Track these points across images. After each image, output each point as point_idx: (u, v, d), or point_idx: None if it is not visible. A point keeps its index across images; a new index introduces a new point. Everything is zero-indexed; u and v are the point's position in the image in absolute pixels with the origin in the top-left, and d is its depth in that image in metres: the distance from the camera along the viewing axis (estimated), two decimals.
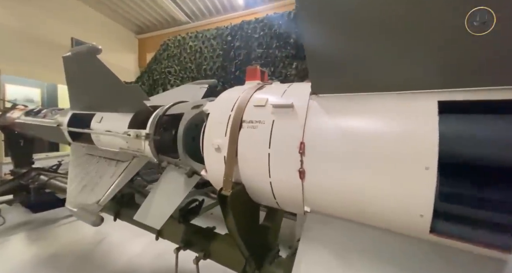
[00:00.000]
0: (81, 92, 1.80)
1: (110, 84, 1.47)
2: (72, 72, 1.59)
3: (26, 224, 3.57)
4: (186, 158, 1.30)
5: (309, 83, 1.01)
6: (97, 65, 1.36)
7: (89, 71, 1.46)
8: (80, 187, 1.66)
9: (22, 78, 7.25)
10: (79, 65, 1.44)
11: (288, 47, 2.52)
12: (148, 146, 1.51)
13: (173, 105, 1.57)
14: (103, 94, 1.63)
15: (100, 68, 1.37)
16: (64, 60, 1.49)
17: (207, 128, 1.09)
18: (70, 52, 1.38)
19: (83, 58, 1.36)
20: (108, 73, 1.39)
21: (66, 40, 8.32)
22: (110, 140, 1.79)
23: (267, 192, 0.94)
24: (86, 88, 1.70)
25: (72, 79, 1.70)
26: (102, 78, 1.46)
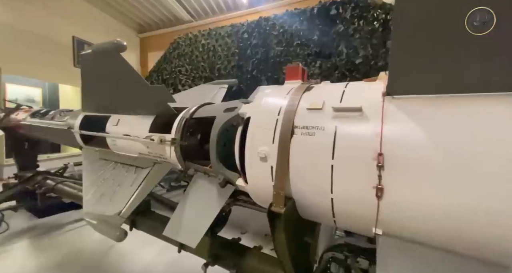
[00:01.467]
0: (97, 92, 1.72)
1: (133, 84, 1.38)
2: (89, 70, 1.50)
3: (31, 230, 3.49)
4: (220, 166, 1.21)
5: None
6: (120, 63, 1.27)
7: (110, 70, 1.37)
8: (97, 196, 1.57)
9: (23, 77, 7.20)
10: (99, 63, 1.35)
11: (310, 44, 2.43)
12: (174, 152, 1.42)
13: (199, 107, 1.48)
14: (123, 94, 1.55)
15: (123, 66, 1.28)
16: (82, 57, 1.40)
17: (249, 134, 1.00)
18: (90, 49, 1.30)
19: (105, 56, 1.27)
20: (132, 72, 1.30)
21: (67, 39, 8.30)
22: (128, 145, 1.70)
23: (325, 209, 0.84)
24: (103, 88, 1.62)
25: (88, 79, 1.62)
26: (124, 77, 1.37)
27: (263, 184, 0.96)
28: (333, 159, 0.77)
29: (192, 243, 1.06)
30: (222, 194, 1.20)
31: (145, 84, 1.34)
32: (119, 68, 1.30)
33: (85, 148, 2.12)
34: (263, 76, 2.72)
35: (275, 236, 0.90)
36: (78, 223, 3.82)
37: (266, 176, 0.94)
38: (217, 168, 1.23)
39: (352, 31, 2.21)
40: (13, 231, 3.40)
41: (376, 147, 0.69)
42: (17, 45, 6.67)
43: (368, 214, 0.74)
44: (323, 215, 0.88)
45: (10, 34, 6.60)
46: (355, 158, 0.73)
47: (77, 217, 3.98)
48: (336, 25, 2.27)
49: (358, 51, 2.16)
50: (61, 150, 8.56)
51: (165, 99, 1.40)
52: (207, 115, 1.35)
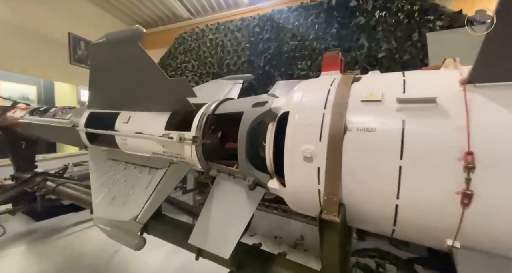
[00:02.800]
0: (107, 87, 1.61)
1: (151, 77, 1.27)
2: (99, 63, 1.39)
3: (29, 234, 3.36)
4: (249, 167, 1.11)
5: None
6: (138, 53, 1.16)
7: (125, 61, 1.26)
8: (108, 200, 1.47)
9: (17, 74, 7.00)
10: (113, 53, 1.24)
11: (328, 38, 2.34)
12: (195, 151, 1.31)
13: (221, 102, 1.38)
14: (137, 89, 1.44)
15: (141, 57, 1.18)
16: (92, 48, 1.29)
17: (289, 131, 0.90)
18: (105, 37, 1.19)
19: (121, 45, 1.16)
20: (150, 64, 1.20)
21: (63, 35, 8.11)
22: (141, 144, 1.60)
23: (385, 216, 0.74)
24: (114, 82, 1.51)
25: (97, 72, 1.51)
26: (141, 69, 1.27)
27: (307, 187, 0.87)
28: (401, 159, 0.67)
29: (224, 253, 0.96)
30: (252, 197, 1.11)
31: (164, 77, 1.23)
32: (136, 58, 1.20)
33: (91, 147, 2.01)
34: (276, 72, 2.62)
35: (325, 246, 0.81)
36: (79, 225, 3.70)
37: (311, 178, 0.84)
38: (245, 169, 1.14)
39: (374, 23, 2.12)
40: (10, 235, 3.27)
41: (462, 144, 0.59)
42: (10, 41, 6.48)
43: (445, 224, 0.64)
44: (380, 223, 0.79)
45: (3, 29, 6.41)
46: (432, 158, 0.63)
47: (78, 219, 3.86)
48: (356, 17, 2.18)
49: (380, 45, 2.08)
50: (57, 150, 8.38)
51: (185, 93, 1.29)
52: (232, 111, 1.25)
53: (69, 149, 8.26)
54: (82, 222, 3.80)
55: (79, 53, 8.92)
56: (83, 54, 9.02)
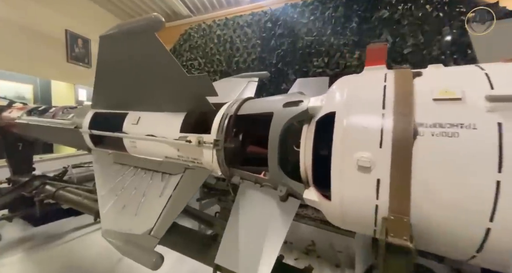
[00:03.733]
0: (115, 84, 1.47)
1: (167, 74, 1.14)
2: (109, 56, 1.26)
3: (26, 240, 3.21)
4: (281, 175, 0.98)
5: None
6: (154, 45, 1.03)
7: (139, 55, 1.13)
8: (118, 209, 1.33)
9: (12, 73, 6.79)
10: (126, 45, 1.11)
11: (347, 33, 2.21)
12: (216, 156, 1.18)
13: (243, 102, 1.25)
14: (150, 86, 1.31)
15: (158, 50, 1.05)
16: (103, 40, 1.15)
17: (338, 135, 0.77)
18: (117, 28, 1.05)
19: (136, 36, 1.03)
20: (168, 58, 1.07)
21: (60, 32, 7.92)
22: (152, 147, 1.47)
23: (469, 242, 0.62)
24: (124, 78, 1.38)
25: (104, 68, 1.37)
26: (156, 65, 1.13)
27: (360, 202, 0.74)
28: (500, 172, 0.55)
29: None
30: (286, 210, 0.98)
31: (183, 74, 1.10)
32: (152, 52, 1.06)
33: (95, 150, 1.87)
34: (290, 69, 2.49)
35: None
36: (79, 231, 3.55)
37: (367, 191, 0.72)
38: (277, 178, 1.01)
39: (398, 17, 2.00)
40: (7, 242, 3.11)
41: None
42: (4, 38, 6.29)
43: None
44: (458, 249, 0.66)
45: None
46: None
47: (77, 224, 3.71)
48: (379, 11, 2.06)
49: (406, 40, 1.96)
50: (54, 151, 8.20)
51: (206, 92, 1.16)
52: (259, 112, 1.12)
53: (66, 149, 8.08)
54: (82, 227, 3.65)
55: (77, 51, 8.73)
56: (80, 52, 8.83)
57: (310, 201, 0.92)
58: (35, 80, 7.74)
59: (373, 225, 0.76)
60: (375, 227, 0.76)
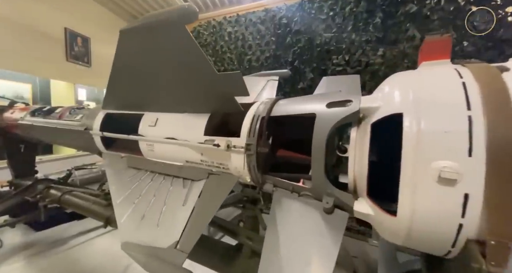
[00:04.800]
0: (131, 83, 1.38)
1: (194, 71, 1.05)
2: (129, 53, 1.17)
3: (28, 246, 3.11)
4: (327, 184, 0.89)
5: None
6: (183, 40, 0.94)
7: (164, 50, 1.03)
8: (137, 219, 1.24)
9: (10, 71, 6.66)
10: (149, 40, 1.01)
11: (370, 29, 2.12)
12: (247, 161, 1.09)
13: (275, 102, 1.16)
14: (171, 85, 1.21)
15: (187, 45, 0.95)
16: (124, 34, 1.06)
17: (409, 142, 0.68)
18: (142, 21, 0.96)
19: (164, 29, 0.93)
20: (198, 54, 0.97)
21: (59, 30, 7.81)
22: (172, 151, 1.38)
23: None
24: (142, 76, 1.28)
25: (122, 64, 1.28)
26: (183, 61, 1.04)
27: (439, 220, 0.65)
28: None
29: None
30: (335, 225, 0.88)
31: (212, 71, 1.01)
32: (180, 46, 0.97)
33: (107, 154, 1.77)
34: (307, 68, 2.40)
35: None
36: (83, 236, 3.45)
37: (450, 208, 0.62)
38: (322, 187, 0.91)
39: (427, 11, 1.91)
40: (8, 249, 3.01)
41: None
42: (2, 36, 6.18)
43: None
44: None
45: None
46: None
47: (80, 229, 3.61)
48: (405, 5, 1.97)
49: None
50: (53, 151, 8.10)
51: (236, 91, 1.07)
52: (297, 113, 1.03)
53: (66, 150, 7.98)
54: (86, 231, 3.56)
55: (76, 50, 8.62)
56: (80, 51, 8.72)
57: (361, 214, 0.83)
58: (34, 79, 7.63)
59: (450, 246, 0.66)
60: (451, 248, 0.67)
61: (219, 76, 1.04)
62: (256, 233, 1.43)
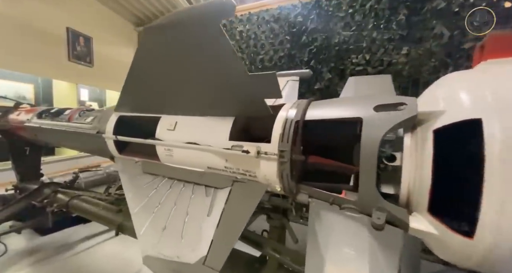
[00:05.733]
0: (150, 84, 1.31)
1: (224, 71, 0.98)
2: (151, 51, 1.10)
3: (33, 252, 3.04)
4: (379, 198, 0.81)
5: None
6: (216, 37, 0.86)
7: (192, 48, 0.96)
8: (157, 231, 1.16)
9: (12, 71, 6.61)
10: (181, 37, 0.94)
11: (392, 26, 2.04)
12: (279, 169, 1.01)
13: (308, 104, 1.08)
14: (197, 86, 1.14)
15: (218, 44, 0.88)
16: (148, 32, 0.99)
17: (494, 152, 0.60)
18: (171, 17, 0.89)
19: (199, 25, 0.86)
20: (230, 53, 0.90)
21: (61, 30, 7.78)
22: (193, 156, 1.30)
23: None
24: (164, 77, 1.21)
25: (141, 64, 1.21)
26: (212, 61, 0.97)
27: None
28: None
29: None
30: (388, 243, 0.80)
31: (244, 71, 0.94)
32: (212, 45, 0.90)
33: (120, 158, 1.70)
34: (324, 67, 2.32)
35: None
36: (89, 240, 3.38)
37: None
38: (371, 201, 0.83)
39: (457, 7, 1.83)
40: (13, 254, 2.94)
41: None
42: (3, 36, 6.13)
43: None
44: None
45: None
46: None
47: (86, 233, 3.55)
48: (432, 1, 1.88)
49: (465, 33, 1.78)
50: (55, 153, 8.06)
51: (267, 93, 0.99)
52: (338, 117, 0.95)
53: (68, 152, 7.93)
54: (93, 236, 3.49)
55: (78, 50, 8.59)
56: (82, 50, 8.69)
57: (418, 231, 0.75)
58: (36, 79, 7.59)
59: None
60: None
61: (251, 77, 0.97)
62: (282, 244, 1.35)
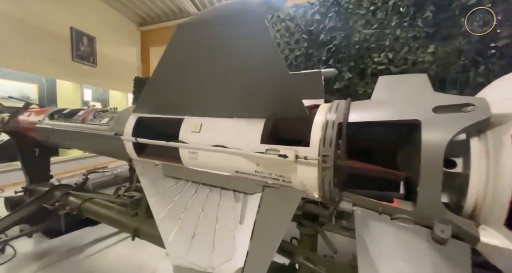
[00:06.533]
0: (176, 84, 1.25)
1: (262, 69, 0.91)
2: (183, 49, 1.04)
3: (43, 256, 2.98)
4: (442, 209, 0.74)
5: None
6: (260, 33, 0.80)
7: (232, 45, 0.90)
8: (186, 239, 1.10)
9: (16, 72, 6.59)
10: (221, 32, 0.88)
11: (418, 24, 1.97)
12: (321, 175, 0.95)
13: (349, 105, 1.02)
14: (228, 85, 1.08)
15: (263, 39, 0.82)
16: (182, 28, 0.93)
17: None
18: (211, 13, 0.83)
19: (243, 21, 0.80)
20: (272, 50, 0.84)
21: (65, 29, 7.77)
22: (220, 160, 1.24)
23: None
24: (194, 76, 1.16)
25: (170, 63, 1.15)
26: (251, 58, 0.91)
27: None
28: None
29: None
30: (456, 259, 0.73)
31: (285, 70, 0.88)
32: (255, 41, 0.83)
33: (138, 161, 1.65)
34: (344, 66, 2.26)
35: None
36: (99, 243, 3.33)
37: None
38: (433, 211, 0.76)
39: (488, 3, 1.76)
40: (22, 258, 2.89)
41: None
42: (8, 36, 6.12)
43: None
44: None
45: (2, 24, 6.07)
46: None
47: (96, 236, 3.50)
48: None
49: (497, 30, 1.71)
50: (59, 153, 8.05)
51: (309, 93, 0.93)
52: (388, 119, 0.88)
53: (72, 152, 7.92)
54: (102, 238, 3.44)
55: (82, 49, 8.56)
56: (85, 50, 8.68)
57: (491, 247, 0.68)
58: (40, 79, 7.58)
59: None
60: None
61: (292, 76, 0.91)
62: (314, 253, 1.29)
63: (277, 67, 0.89)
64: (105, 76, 9.16)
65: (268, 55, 0.87)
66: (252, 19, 0.77)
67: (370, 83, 2.16)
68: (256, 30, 0.80)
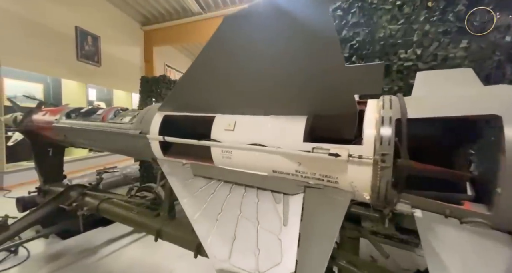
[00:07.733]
0: (212, 80, 1.20)
1: (321, 63, 0.86)
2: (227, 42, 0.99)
3: (57, 257, 2.94)
4: None
5: None
6: (321, 24, 0.74)
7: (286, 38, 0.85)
8: (226, 241, 1.05)
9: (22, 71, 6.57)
10: (274, 24, 0.82)
11: (449, 18, 1.90)
12: (379, 176, 0.89)
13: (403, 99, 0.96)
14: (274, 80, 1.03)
15: (323, 31, 0.76)
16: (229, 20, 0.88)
17: None
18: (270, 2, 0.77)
19: (303, 10, 0.74)
20: (332, 42, 0.78)
21: (70, 29, 7.76)
22: (256, 159, 1.19)
23: None
24: (233, 72, 1.10)
25: (209, 57, 1.10)
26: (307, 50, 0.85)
27: None
28: None
29: None
30: None
31: (343, 63, 0.82)
32: (313, 32, 0.78)
33: (164, 160, 1.60)
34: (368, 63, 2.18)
35: None
36: (113, 244, 3.28)
37: None
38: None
39: None
40: (35, 259, 2.85)
41: None
42: (13, 35, 6.11)
43: None
44: None
45: (10, 23, 6.07)
46: None
47: (109, 236, 3.45)
48: None
49: None
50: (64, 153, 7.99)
51: (367, 87, 0.87)
52: (458, 114, 0.82)
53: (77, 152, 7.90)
54: (115, 239, 3.40)
55: (86, 49, 8.54)
56: (90, 49, 8.66)
57: None
58: (45, 79, 7.55)
59: None
60: None
61: (349, 69, 0.85)
62: (356, 256, 1.23)
63: (334, 60, 0.84)
64: (109, 75, 9.14)
65: (326, 46, 0.81)
66: (314, 9, 0.71)
67: (396, 81, 2.10)
68: (318, 21, 0.74)
